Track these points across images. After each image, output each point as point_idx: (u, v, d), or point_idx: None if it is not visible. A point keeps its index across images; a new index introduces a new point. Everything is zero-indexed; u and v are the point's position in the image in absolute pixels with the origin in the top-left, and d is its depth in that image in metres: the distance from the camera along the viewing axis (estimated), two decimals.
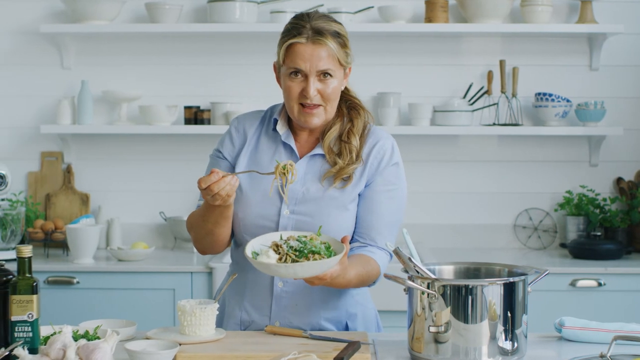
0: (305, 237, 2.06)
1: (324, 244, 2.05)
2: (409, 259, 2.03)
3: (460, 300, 1.95)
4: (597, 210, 3.95)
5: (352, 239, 2.27)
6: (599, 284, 3.53)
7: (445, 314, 1.96)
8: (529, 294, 2.03)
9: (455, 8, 4.01)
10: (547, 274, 2.11)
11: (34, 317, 1.93)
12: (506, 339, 1.98)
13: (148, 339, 2.07)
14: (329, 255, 2.02)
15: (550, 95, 3.91)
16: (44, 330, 2.05)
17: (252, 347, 2.04)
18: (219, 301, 2.32)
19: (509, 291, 1.98)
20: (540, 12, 3.87)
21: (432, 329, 1.96)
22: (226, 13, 3.85)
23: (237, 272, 2.30)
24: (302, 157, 2.28)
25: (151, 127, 3.92)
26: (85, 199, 4.06)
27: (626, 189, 3.98)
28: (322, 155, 2.27)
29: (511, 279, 2.00)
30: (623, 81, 4.05)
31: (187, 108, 3.98)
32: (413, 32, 3.95)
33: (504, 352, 1.97)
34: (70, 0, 3.87)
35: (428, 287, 1.97)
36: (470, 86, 4.01)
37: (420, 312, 1.99)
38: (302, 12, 2.25)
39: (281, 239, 2.07)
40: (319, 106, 2.21)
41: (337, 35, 2.19)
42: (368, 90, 3.96)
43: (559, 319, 2.23)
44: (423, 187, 4.05)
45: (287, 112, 2.27)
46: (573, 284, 3.53)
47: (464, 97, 4.01)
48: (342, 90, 2.28)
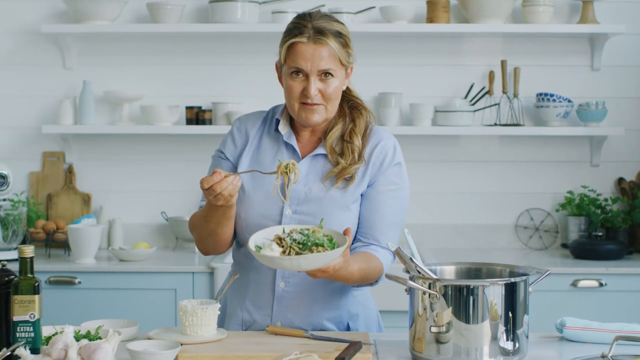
0: (308, 229, 2.06)
1: (327, 236, 2.05)
2: (411, 259, 2.03)
3: (461, 300, 1.95)
4: (599, 211, 3.95)
5: (355, 239, 2.27)
6: (600, 285, 3.53)
7: (447, 314, 1.96)
8: (530, 294, 2.03)
9: (457, 8, 4.01)
10: (549, 274, 2.11)
11: (36, 317, 1.94)
12: (507, 339, 1.98)
13: (150, 339, 2.07)
14: (332, 248, 2.02)
15: (552, 95, 3.91)
16: (46, 331, 2.05)
17: (253, 347, 2.04)
18: (221, 301, 2.32)
19: (510, 291, 1.98)
20: (542, 13, 3.87)
21: (434, 329, 1.96)
22: (228, 13, 3.85)
23: (238, 272, 2.30)
24: (304, 157, 2.28)
25: (153, 127, 3.92)
26: (86, 199, 4.06)
27: (627, 189, 3.98)
28: (324, 155, 2.27)
29: (512, 279, 2.00)
30: (624, 81, 4.05)
31: (188, 108, 3.98)
32: (414, 33, 3.95)
33: (505, 352, 1.98)
34: (71, 1, 3.87)
35: (429, 288, 1.98)
36: (472, 86, 4.01)
37: (422, 313, 1.99)
38: (304, 12, 2.25)
39: (284, 232, 2.07)
40: (319, 104, 2.21)
41: (338, 35, 2.19)
42: (369, 91, 3.95)
43: (560, 319, 2.23)
44: (424, 187, 4.05)
45: (289, 112, 2.28)
46: (574, 284, 3.54)
47: (466, 97, 4.01)
48: (344, 90, 2.28)
